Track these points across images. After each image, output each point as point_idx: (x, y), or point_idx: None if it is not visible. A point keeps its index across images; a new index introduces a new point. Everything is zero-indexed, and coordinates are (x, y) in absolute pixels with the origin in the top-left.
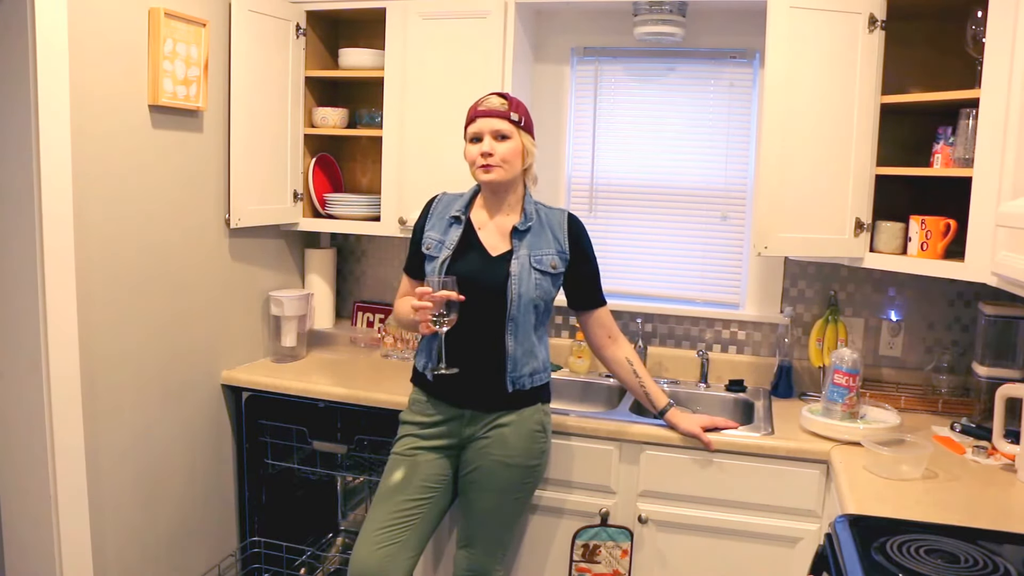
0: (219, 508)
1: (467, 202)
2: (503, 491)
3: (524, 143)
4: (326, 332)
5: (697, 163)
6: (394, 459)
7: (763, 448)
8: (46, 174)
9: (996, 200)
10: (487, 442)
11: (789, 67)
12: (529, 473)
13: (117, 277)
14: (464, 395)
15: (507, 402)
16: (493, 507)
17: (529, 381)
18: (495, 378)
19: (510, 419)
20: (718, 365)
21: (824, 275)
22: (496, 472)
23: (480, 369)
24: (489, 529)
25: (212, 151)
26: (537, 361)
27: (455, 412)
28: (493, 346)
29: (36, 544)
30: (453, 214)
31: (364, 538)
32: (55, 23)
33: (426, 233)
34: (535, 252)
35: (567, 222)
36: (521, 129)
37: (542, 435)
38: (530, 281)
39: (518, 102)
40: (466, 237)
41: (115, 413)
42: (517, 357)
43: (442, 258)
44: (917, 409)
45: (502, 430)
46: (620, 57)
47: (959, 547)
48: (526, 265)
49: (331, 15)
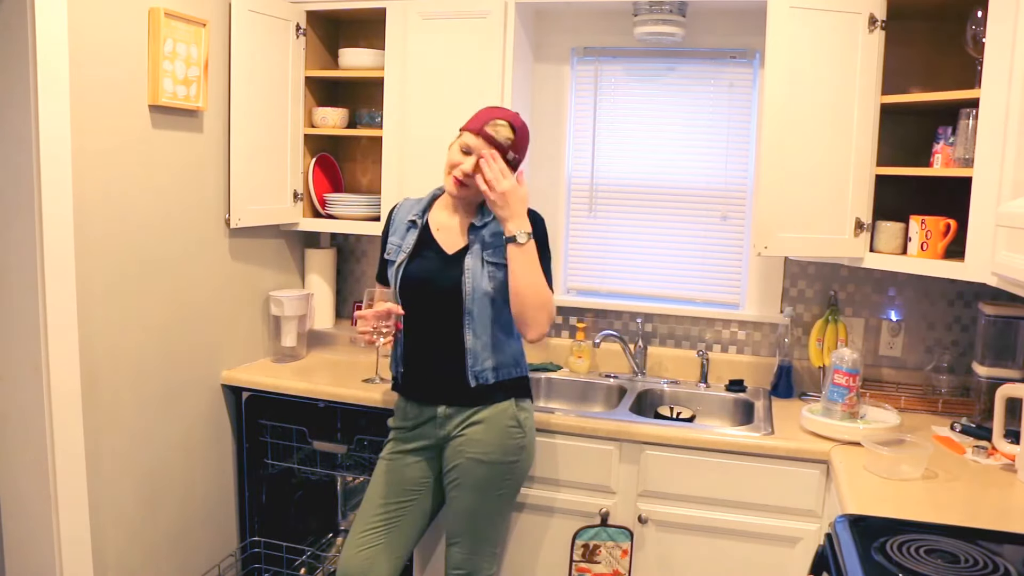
0: (219, 508)
1: (425, 206)
2: (482, 488)
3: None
4: (326, 332)
5: (697, 163)
6: (379, 464)
7: (763, 448)
8: (46, 174)
9: (996, 200)
10: (462, 440)
11: (789, 67)
12: (508, 470)
13: (117, 277)
14: (432, 394)
15: (475, 398)
16: (473, 504)
17: (493, 375)
18: (459, 374)
19: (482, 416)
20: (718, 365)
21: (824, 275)
22: (472, 469)
23: (444, 367)
24: (473, 526)
25: (212, 151)
26: (503, 355)
27: (429, 413)
28: (454, 343)
29: (36, 544)
30: (410, 218)
31: (349, 541)
32: (55, 23)
33: (389, 239)
34: (490, 246)
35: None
36: (512, 167)
37: (518, 431)
38: (483, 274)
39: (523, 139)
40: (423, 239)
41: (115, 413)
42: (477, 351)
43: (399, 262)
44: (917, 409)
45: (475, 427)
46: (620, 57)
47: (959, 547)
48: (479, 258)
49: (331, 15)
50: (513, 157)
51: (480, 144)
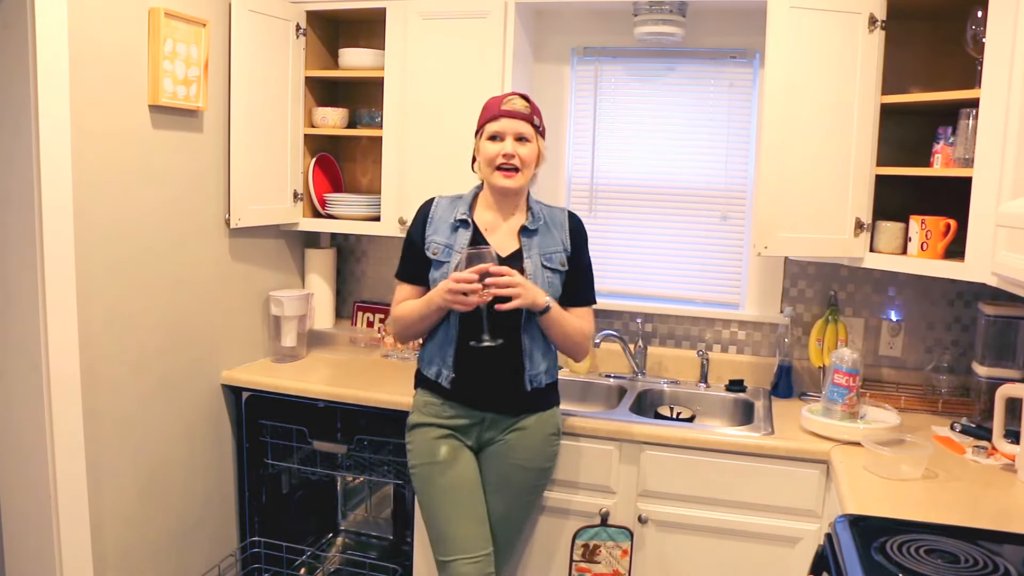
0: (219, 508)
1: (469, 204)
2: (517, 494)
3: (540, 148)
4: (326, 332)
5: (697, 163)
6: (432, 445)
7: (763, 448)
8: (46, 174)
9: (996, 200)
10: (505, 446)
11: (789, 67)
12: (542, 475)
13: (117, 277)
14: (484, 399)
15: (527, 404)
16: (507, 510)
17: (546, 378)
18: (513, 378)
19: (529, 422)
20: (718, 365)
21: (824, 275)
22: (512, 475)
23: (498, 371)
24: (501, 532)
25: (212, 151)
26: (552, 359)
27: (475, 417)
28: (509, 346)
29: (36, 544)
30: (459, 217)
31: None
32: (55, 23)
33: (429, 238)
34: (544, 251)
35: (568, 220)
36: (539, 134)
37: (556, 438)
38: (543, 279)
39: (536, 107)
40: (474, 241)
41: (115, 413)
42: (534, 355)
43: (455, 263)
44: (917, 409)
45: (521, 433)
46: (620, 57)
47: (959, 547)
48: (538, 264)
49: (331, 15)
50: (538, 123)
51: (506, 123)
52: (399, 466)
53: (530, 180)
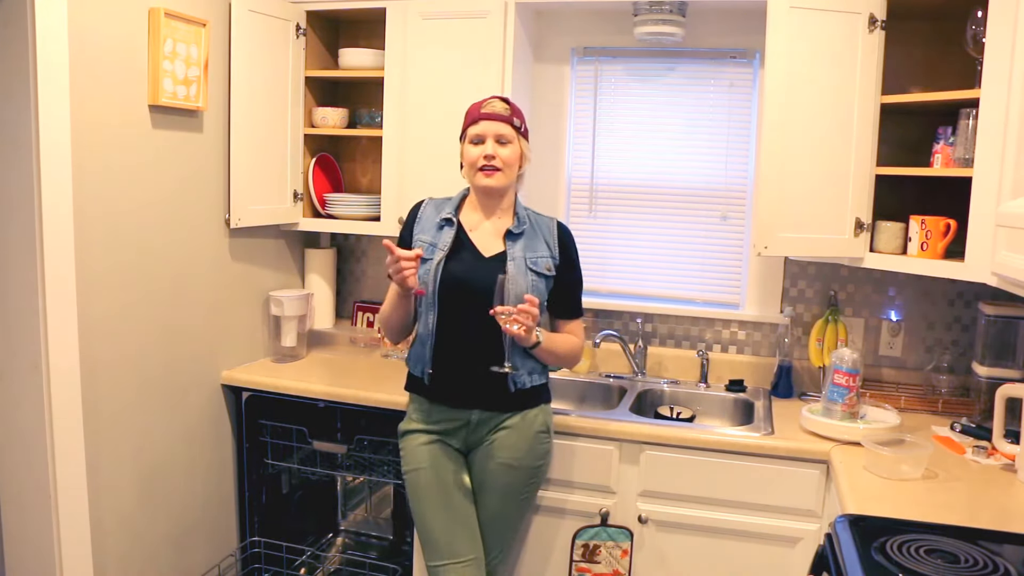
0: (219, 508)
1: (456, 205)
2: (508, 493)
3: (523, 149)
4: (326, 332)
5: (697, 163)
6: (419, 452)
7: (763, 448)
8: (46, 174)
9: (996, 200)
10: (492, 445)
11: (789, 67)
12: (534, 474)
13: (117, 277)
14: (468, 399)
15: (511, 403)
16: (499, 510)
17: (529, 380)
18: (496, 378)
19: (514, 421)
20: (718, 365)
21: (824, 275)
22: (501, 474)
23: (480, 370)
24: (494, 531)
25: (212, 151)
26: (535, 360)
27: (461, 419)
28: (491, 346)
29: (36, 544)
30: (444, 216)
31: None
32: (55, 23)
33: (416, 237)
34: (530, 254)
35: (557, 229)
36: (520, 135)
37: (546, 436)
38: (526, 281)
39: (517, 108)
40: (458, 239)
41: (115, 413)
42: (514, 358)
43: (436, 260)
44: (917, 409)
45: (507, 432)
46: (620, 57)
47: (959, 547)
48: (522, 266)
49: (331, 15)
50: (519, 124)
51: (486, 125)
52: (399, 466)
53: (515, 181)
